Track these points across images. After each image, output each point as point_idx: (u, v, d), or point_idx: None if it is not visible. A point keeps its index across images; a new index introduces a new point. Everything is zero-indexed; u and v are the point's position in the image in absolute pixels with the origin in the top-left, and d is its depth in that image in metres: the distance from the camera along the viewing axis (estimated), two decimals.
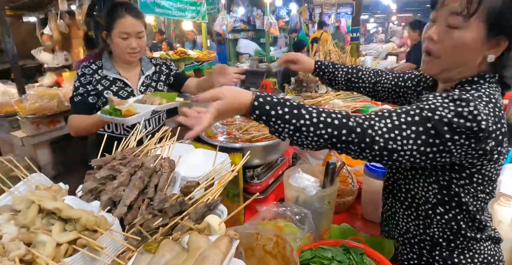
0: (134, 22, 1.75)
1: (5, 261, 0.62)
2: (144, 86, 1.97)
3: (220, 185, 0.90)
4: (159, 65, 2.09)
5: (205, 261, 0.60)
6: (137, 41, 1.80)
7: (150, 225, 0.78)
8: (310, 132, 0.83)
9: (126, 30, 1.74)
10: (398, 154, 0.81)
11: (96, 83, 1.85)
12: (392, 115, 0.83)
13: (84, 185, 0.92)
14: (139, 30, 1.77)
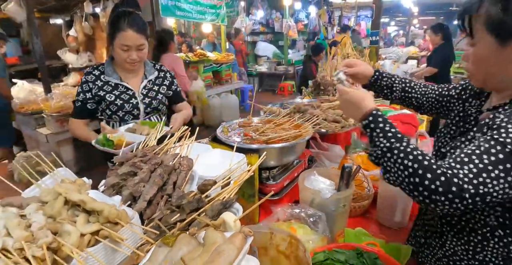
0: (135, 35, 1.75)
1: (33, 248, 0.66)
2: (146, 89, 2.00)
3: (236, 184, 0.93)
4: (164, 72, 2.11)
5: (220, 255, 0.62)
6: (138, 52, 1.82)
7: (168, 220, 0.81)
8: (399, 158, 0.86)
9: (126, 43, 1.76)
10: (491, 196, 0.78)
11: (98, 90, 1.90)
12: (472, 158, 0.80)
13: (107, 180, 0.97)
14: (139, 43, 1.79)
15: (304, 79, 5.85)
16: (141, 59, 1.86)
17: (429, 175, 0.80)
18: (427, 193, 0.81)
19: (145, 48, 1.84)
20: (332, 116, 2.12)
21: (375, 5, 5.55)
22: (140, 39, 1.78)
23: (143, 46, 1.82)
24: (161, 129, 1.24)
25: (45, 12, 7.01)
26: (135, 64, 1.88)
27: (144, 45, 1.83)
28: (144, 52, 1.85)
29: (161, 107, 2.08)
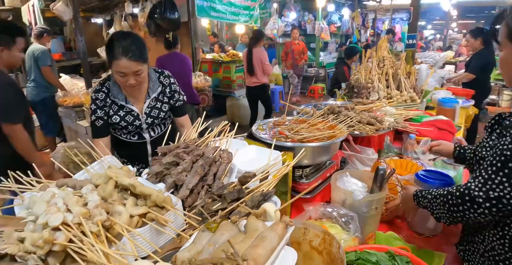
0: (129, 64, 1.68)
1: (89, 224, 0.72)
2: (149, 108, 1.97)
3: (275, 177, 0.95)
4: (165, 86, 2.03)
5: (263, 240, 0.65)
6: (135, 77, 1.75)
7: (210, 208, 0.85)
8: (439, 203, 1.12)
9: (121, 70, 1.71)
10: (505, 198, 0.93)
11: (108, 109, 1.90)
12: (481, 172, 0.99)
13: (152, 168, 1.02)
14: (134, 69, 1.71)
15: (336, 82, 5.79)
16: (139, 82, 1.81)
17: (449, 196, 1.06)
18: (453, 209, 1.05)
19: (142, 72, 1.77)
20: (366, 119, 2.10)
21: (412, 8, 5.41)
22: (135, 66, 1.71)
23: (139, 71, 1.74)
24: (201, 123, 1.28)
25: (87, 12, 7.37)
26: (134, 88, 1.84)
27: (141, 70, 1.75)
28: (142, 76, 1.79)
29: (162, 122, 2.08)
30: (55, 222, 0.69)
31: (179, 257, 0.69)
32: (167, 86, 2.04)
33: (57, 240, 0.68)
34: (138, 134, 2.01)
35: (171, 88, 2.05)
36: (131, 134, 2.01)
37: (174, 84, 2.08)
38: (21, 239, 0.70)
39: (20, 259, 0.69)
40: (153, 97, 1.98)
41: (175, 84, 2.08)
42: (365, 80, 3.13)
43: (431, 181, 1.51)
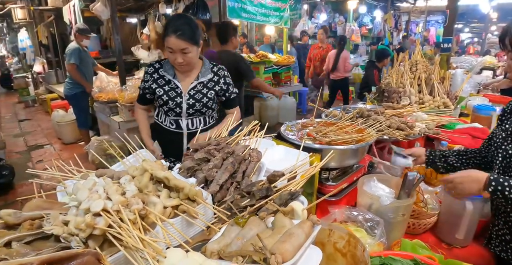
0: (176, 41, 1.81)
1: (127, 212, 0.76)
2: (194, 90, 2.05)
3: (303, 177, 0.97)
4: (219, 76, 2.12)
5: (291, 236, 0.66)
6: (182, 56, 1.86)
7: (239, 204, 0.88)
8: None
9: (169, 46, 1.84)
10: None
11: (152, 82, 2.04)
12: None
13: (184, 164, 1.07)
14: (181, 47, 1.83)
15: (365, 85, 5.69)
16: (187, 62, 1.91)
17: None
18: None
19: (190, 52, 1.87)
20: (396, 123, 2.06)
21: (449, 10, 5.22)
22: (181, 45, 1.82)
23: (186, 49, 1.84)
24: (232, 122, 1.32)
25: (123, 12, 7.66)
26: (182, 67, 1.95)
27: (188, 49, 1.85)
28: (189, 56, 1.88)
29: (205, 110, 2.11)
30: (97, 208, 0.74)
31: (208, 248, 0.72)
32: (221, 77, 2.12)
33: (98, 225, 0.73)
34: (176, 123, 2.09)
35: (225, 80, 2.14)
36: (171, 119, 2.10)
37: (228, 77, 2.17)
38: (65, 222, 0.76)
39: (64, 240, 0.74)
40: (201, 81, 2.06)
41: (228, 77, 2.17)
42: (396, 84, 3.06)
43: None
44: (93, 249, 0.74)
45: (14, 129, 7.33)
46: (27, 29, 11.45)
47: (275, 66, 5.93)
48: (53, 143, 6.24)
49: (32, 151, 5.83)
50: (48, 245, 0.76)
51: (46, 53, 10.21)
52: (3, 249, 0.71)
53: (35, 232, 0.76)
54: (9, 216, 0.79)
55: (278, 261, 0.58)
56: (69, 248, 0.74)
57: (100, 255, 0.72)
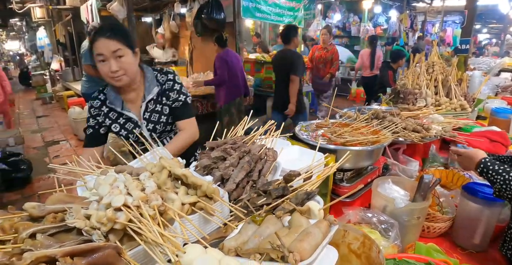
0: (106, 42, 1.54)
1: (146, 207, 0.78)
2: (148, 112, 1.77)
3: (319, 178, 0.97)
4: (168, 84, 1.79)
5: (308, 235, 0.67)
6: (117, 62, 1.57)
7: (256, 202, 0.89)
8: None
9: (99, 51, 1.56)
10: None
11: (104, 118, 1.77)
12: None
13: (201, 162, 1.08)
14: (113, 48, 1.55)
15: (380, 86, 5.64)
16: (124, 69, 1.61)
17: None
18: None
19: (125, 55, 1.59)
20: (412, 125, 2.04)
21: (467, 10, 5.12)
22: (113, 45, 1.55)
23: (120, 51, 1.57)
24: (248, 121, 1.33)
25: (139, 11, 7.76)
26: (119, 78, 1.62)
27: (121, 51, 1.57)
28: (126, 61, 1.60)
29: (170, 127, 1.85)
30: (118, 203, 0.76)
31: (226, 245, 0.74)
32: (164, 83, 1.78)
33: (119, 219, 0.75)
34: (146, 150, 1.55)
35: (170, 85, 1.78)
36: (140, 149, 1.66)
37: (173, 81, 1.80)
38: (87, 216, 0.78)
39: (86, 233, 0.77)
40: (150, 99, 1.76)
41: (175, 82, 1.80)
42: (412, 85, 3.02)
43: (482, 195, 1.43)
44: (113, 243, 0.76)
45: (32, 125, 7.52)
46: (45, 27, 11.74)
47: None
48: (69, 139, 6.39)
49: (49, 147, 5.98)
50: (71, 237, 0.78)
51: (64, 51, 10.44)
52: (29, 240, 0.74)
53: (58, 224, 0.78)
54: (33, 209, 0.82)
55: (296, 259, 0.59)
56: (91, 241, 0.76)
57: (121, 248, 0.73)
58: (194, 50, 6.51)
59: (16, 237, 0.75)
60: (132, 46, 1.64)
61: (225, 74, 4.35)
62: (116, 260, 0.72)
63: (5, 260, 0.68)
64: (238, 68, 4.59)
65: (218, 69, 4.40)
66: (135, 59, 1.67)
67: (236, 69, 4.52)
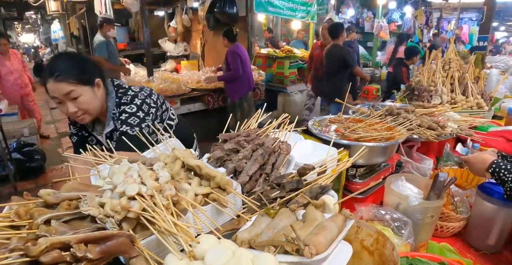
0: (55, 85, 1.38)
1: (160, 197, 0.78)
2: (113, 140, 1.58)
3: (334, 172, 0.95)
4: (117, 120, 1.57)
5: (324, 229, 0.66)
6: (74, 103, 1.42)
7: (269, 195, 0.88)
8: None
9: (52, 95, 1.42)
10: None
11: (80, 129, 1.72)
12: None
13: (214, 153, 1.07)
14: (65, 92, 1.38)
15: (393, 84, 5.54)
16: (85, 110, 1.46)
17: None
18: None
19: (82, 94, 1.42)
20: (427, 123, 1.99)
21: (486, 7, 4.98)
22: (63, 88, 1.38)
23: (73, 93, 1.40)
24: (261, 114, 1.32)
25: (152, 5, 7.78)
26: (82, 118, 1.49)
27: (75, 92, 1.40)
28: (84, 102, 1.44)
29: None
30: (132, 192, 0.76)
31: (239, 237, 0.73)
32: (123, 112, 1.56)
33: (132, 208, 0.75)
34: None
35: (122, 114, 1.55)
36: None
37: (132, 109, 1.56)
38: (101, 204, 0.78)
39: (99, 221, 0.77)
40: (108, 132, 1.59)
41: (133, 109, 1.56)
42: (427, 82, 2.96)
43: (498, 195, 1.40)
44: (127, 231, 0.76)
45: (46, 116, 7.63)
46: (59, 20, 11.87)
47: (301, 62, 5.88)
48: None
49: (62, 138, 6.07)
50: (85, 225, 0.78)
51: (77, 44, 10.55)
52: (43, 227, 0.74)
53: (72, 212, 0.79)
54: (48, 196, 0.82)
55: (312, 253, 0.58)
56: (104, 229, 0.77)
57: (134, 237, 0.73)
58: (206, 44, 6.51)
59: (31, 223, 0.75)
60: (89, 81, 1.46)
61: (239, 68, 4.34)
62: (129, 249, 0.72)
63: (20, 245, 0.68)
64: (248, 62, 4.62)
65: (231, 64, 4.38)
66: (95, 94, 1.49)
67: (247, 63, 4.51)
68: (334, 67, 4.72)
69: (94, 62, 1.54)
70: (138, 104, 1.57)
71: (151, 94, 1.67)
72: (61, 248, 0.70)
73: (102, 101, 1.54)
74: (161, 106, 1.75)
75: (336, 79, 4.76)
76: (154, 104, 1.65)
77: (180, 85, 4.15)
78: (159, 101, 1.73)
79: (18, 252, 0.68)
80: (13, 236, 0.73)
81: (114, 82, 1.64)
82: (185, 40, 7.37)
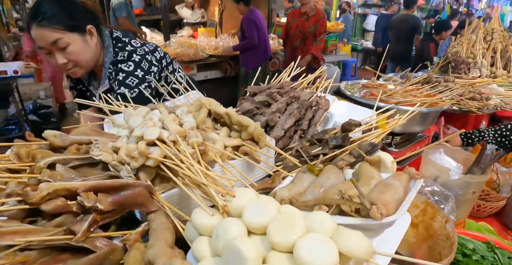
0: (40, 31, 1.20)
1: (184, 144, 0.65)
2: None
3: (385, 128, 0.81)
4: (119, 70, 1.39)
5: (389, 188, 0.52)
6: (63, 54, 1.25)
7: (309, 151, 0.74)
8: None
9: (37, 44, 1.25)
10: None
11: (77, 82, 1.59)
12: None
13: (242, 106, 0.94)
14: (51, 40, 1.21)
15: (419, 60, 5.23)
16: (75, 62, 1.29)
17: None
18: None
19: (71, 43, 1.25)
20: (470, 93, 1.80)
21: None
22: (50, 35, 1.20)
23: (61, 42, 1.23)
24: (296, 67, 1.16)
25: None
26: (73, 71, 1.33)
27: (64, 40, 1.23)
28: (73, 52, 1.26)
29: None
30: (152, 136, 0.63)
31: (278, 195, 0.60)
32: (120, 70, 1.38)
33: (152, 155, 0.62)
34: None
35: (119, 74, 1.37)
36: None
37: (125, 64, 1.38)
38: (115, 149, 0.66)
39: (112, 168, 0.65)
40: (105, 90, 1.43)
41: (127, 65, 1.38)
42: (465, 54, 2.72)
43: None
44: (144, 182, 0.64)
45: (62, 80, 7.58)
46: None
47: None
48: None
49: None
50: (95, 173, 0.67)
51: None
52: (47, 171, 0.63)
53: (82, 156, 0.67)
54: (54, 137, 0.71)
55: (383, 213, 0.45)
56: (118, 177, 0.65)
57: (153, 188, 0.62)
58: (224, 12, 6.22)
59: (33, 166, 0.64)
60: (78, 27, 1.27)
61: (255, 36, 4.04)
62: (147, 201, 0.60)
63: (18, 190, 0.57)
64: (265, 29, 4.32)
65: (246, 32, 4.08)
66: (86, 43, 1.30)
67: (264, 30, 4.23)
68: (405, 34, 5.39)
69: (86, 7, 1.34)
70: (136, 60, 1.36)
71: (155, 51, 1.47)
72: (66, 196, 0.59)
73: (96, 53, 1.35)
74: (167, 67, 1.54)
75: (406, 44, 5.52)
76: (157, 62, 1.45)
77: (197, 51, 3.97)
78: (165, 60, 1.52)
79: (15, 197, 0.57)
80: (11, 180, 0.62)
81: (113, 34, 1.43)
82: (202, 6, 7.06)
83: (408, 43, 5.56)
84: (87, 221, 0.55)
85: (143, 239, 0.59)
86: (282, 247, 0.43)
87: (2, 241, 0.53)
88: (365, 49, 8.31)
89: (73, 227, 0.55)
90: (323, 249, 0.39)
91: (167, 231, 0.55)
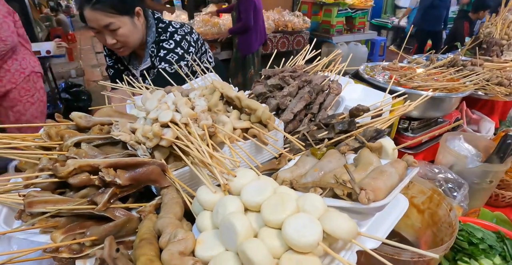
0: (93, 14, 1.27)
1: (195, 126, 0.70)
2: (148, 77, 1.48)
3: (392, 115, 0.82)
4: (161, 48, 1.48)
5: (383, 174, 0.55)
6: (112, 35, 1.34)
7: (315, 135, 0.77)
8: None
9: (89, 24, 1.33)
10: None
11: (116, 62, 1.70)
12: None
13: (255, 89, 0.97)
14: (104, 23, 1.29)
15: (451, 39, 4.97)
16: (123, 43, 1.39)
17: None
18: None
19: (121, 26, 1.33)
20: (498, 78, 1.73)
21: None
22: (103, 19, 1.28)
23: (113, 25, 1.31)
24: (309, 51, 1.16)
25: None
26: (121, 50, 1.43)
27: (115, 23, 1.31)
28: (123, 34, 1.35)
29: None
30: (165, 118, 0.69)
31: (280, 176, 0.64)
32: (163, 48, 1.49)
33: (165, 136, 0.68)
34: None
35: (161, 51, 1.48)
36: None
37: (167, 42, 1.48)
38: (133, 130, 0.72)
39: (131, 147, 0.72)
40: (141, 70, 1.54)
41: (168, 43, 1.49)
42: (500, 35, 2.56)
43: None
44: (159, 160, 0.70)
45: (91, 60, 7.83)
46: None
47: (350, 10, 5.36)
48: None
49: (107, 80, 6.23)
50: (116, 151, 0.74)
51: None
52: (73, 149, 0.70)
53: (103, 136, 0.74)
54: (80, 119, 0.78)
55: (370, 198, 0.48)
56: (135, 156, 0.71)
57: (166, 166, 0.67)
58: None
59: (61, 145, 0.71)
60: (128, 10, 1.35)
61: (251, 18, 3.74)
62: (160, 178, 0.67)
63: (49, 165, 0.65)
64: (261, 13, 4.01)
65: (242, 13, 3.75)
66: (135, 25, 1.39)
67: (261, 14, 3.95)
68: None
69: None
70: (177, 40, 1.48)
71: (192, 32, 1.57)
72: (90, 172, 0.66)
73: (142, 33, 1.45)
74: (201, 48, 1.65)
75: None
76: (194, 43, 1.56)
77: (221, 29, 3.97)
78: (199, 42, 1.63)
79: (47, 171, 0.65)
80: (43, 156, 0.69)
81: (155, 15, 1.53)
82: None
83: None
84: (107, 194, 0.62)
85: (156, 211, 0.65)
86: (273, 224, 0.48)
87: (36, 209, 0.61)
88: (395, 27, 7.91)
89: (95, 199, 0.62)
90: (308, 228, 0.44)
91: (176, 205, 0.61)
